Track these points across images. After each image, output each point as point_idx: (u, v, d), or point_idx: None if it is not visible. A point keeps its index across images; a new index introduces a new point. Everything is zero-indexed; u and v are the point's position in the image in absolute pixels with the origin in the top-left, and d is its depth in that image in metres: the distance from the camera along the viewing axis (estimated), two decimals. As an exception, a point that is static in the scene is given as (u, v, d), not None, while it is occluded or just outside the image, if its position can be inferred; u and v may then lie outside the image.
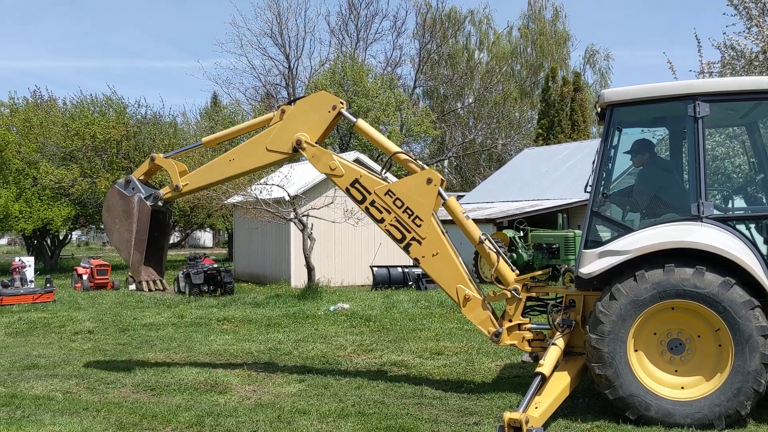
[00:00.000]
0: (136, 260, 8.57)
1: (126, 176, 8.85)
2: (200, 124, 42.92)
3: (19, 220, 27.91)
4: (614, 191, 7.26)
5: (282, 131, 8.30)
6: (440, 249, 7.67)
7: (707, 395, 6.19)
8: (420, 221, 7.69)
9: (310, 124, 8.24)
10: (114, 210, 8.71)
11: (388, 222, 7.82)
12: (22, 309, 16.06)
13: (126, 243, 8.60)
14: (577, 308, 7.20)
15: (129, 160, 28.86)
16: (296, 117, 8.29)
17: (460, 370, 8.95)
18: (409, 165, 7.97)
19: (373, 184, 7.94)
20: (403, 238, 7.77)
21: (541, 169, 31.47)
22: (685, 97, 6.64)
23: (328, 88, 37.44)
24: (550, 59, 49.94)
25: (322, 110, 8.26)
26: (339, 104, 8.23)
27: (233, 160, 8.51)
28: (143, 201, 8.56)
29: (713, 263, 6.23)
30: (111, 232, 8.79)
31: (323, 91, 8.57)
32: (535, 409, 6.04)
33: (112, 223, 8.73)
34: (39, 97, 34.39)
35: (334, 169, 8.10)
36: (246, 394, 7.82)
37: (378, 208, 7.88)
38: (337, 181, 8.16)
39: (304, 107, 8.34)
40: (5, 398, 7.53)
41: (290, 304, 16.16)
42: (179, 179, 8.59)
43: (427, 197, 7.71)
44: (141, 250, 8.57)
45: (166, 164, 8.69)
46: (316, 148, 8.22)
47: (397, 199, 7.78)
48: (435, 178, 7.75)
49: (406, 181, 7.87)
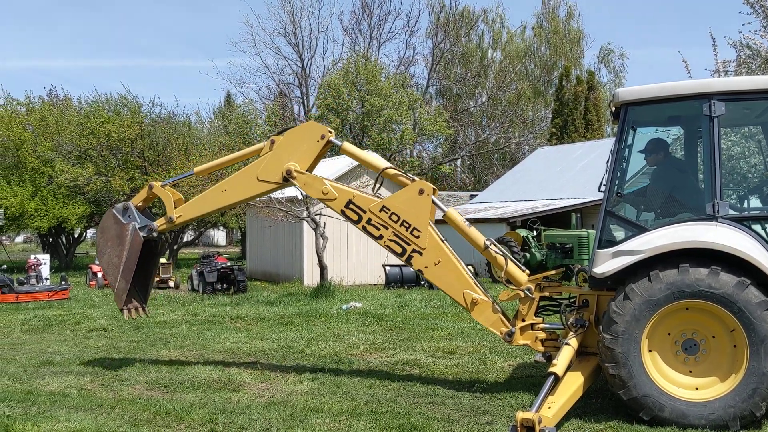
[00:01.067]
0: (121, 288, 8.68)
1: (125, 202, 8.91)
2: (214, 123, 43.16)
3: (34, 218, 28.16)
4: (628, 191, 7.23)
5: (272, 161, 8.39)
6: (442, 257, 7.69)
7: (722, 396, 6.15)
8: (418, 232, 7.73)
9: (299, 154, 8.32)
10: (108, 233, 8.81)
11: (387, 238, 7.85)
12: (38, 306, 16.20)
13: (114, 268, 8.71)
14: (591, 308, 7.18)
15: (143, 159, 29.01)
16: (286, 147, 8.38)
17: (472, 370, 8.94)
18: (398, 179, 8.05)
19: (367, 202, 7.98)
20: (403, 252, 7.80)
21: (555, 169, 31.34)
22: (700, 96, 6.60)
23: (341, 87, 37.51)
24: (564, 58, 49.69)
25: (311, 140, 8.35)
26: (327, 133, 8.34)
27: (225, 190, 8.62)
28: (137, 231, 8.65)
29: (728, 263, 6.18)
30: (101, 254, 8.89)
31: (312, 121, 8.72)
32: (548, 409, 6.02)
33: (104, 245, 8.83)
34: (55, 96, 34.65)
35: (327, 193, 8.17)
36: (259, 392, 7.86)
37: (375, 225, 7.91)
38: (332, 205, 8.21)
39: (294, 137, 8.42)
40: (21, 394, 7.60)
41: (303, 302, 16.20)
42: (173, 211, 8.69)
43: (422, 208, 7.76)
44: (127, 279, 8.68)
45: (162, 194, 8.78)
46: (306, 176, 8.30)
47: (392, 213, 7.82)
48: (426, 188, 7.81)
49: (399, 194, 7.90)
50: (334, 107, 38.00)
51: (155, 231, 8.74)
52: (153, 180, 8.78)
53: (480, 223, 26.61)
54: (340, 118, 38.18)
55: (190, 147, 30.45)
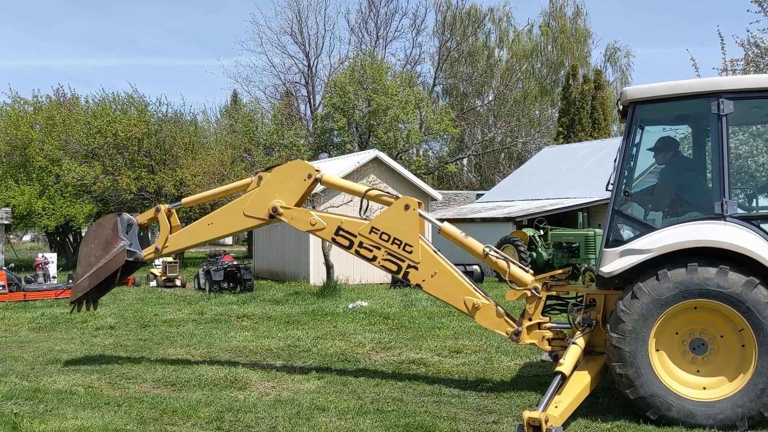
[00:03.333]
0: (83, 286, 8.81)
1: (132, 216, 8.92)
2: (220, 122, 43.22)
3: (42, 216, 28.28)
4: (636, 190, 7.20)
5: (259, 198, 8.41)
6: (437, 268, 7.70)
7: (730, 396, 6.12)
8: (410, 247, 7.75)
9: (286, 192, 8.35)
10: (101, 232, 8.86)
11: (381, 258, 7.87)
12: (45, 304, 16.26)
13: (87, 265, 8.81)
14: (598, 307, 7.15)
15: (150, 158, 29.08)
16: (273, 184, 8.41)
17: (479, 369, 8.93)
18: (382, 199, 8.11)
19: (356, 226, 8.00)
20: (399, 269, 7.81)
21: (562, 168, 31.26)
22: (708, 94, 6.56)
23: (348, 86, 37.51)
24: (571, 57, 49.58)
25: (298, 178, 8.37)
26: (314, 172, 8.35)
27: (212, 224, 8.66)
28: (124, 252, 8.70)
29: (737, 263, 6.15)
30: (85, 244, 8.97)
31: (299, 159, 8.80)
32: (555, 408, 6.00)
33: (92, 240, 8.89)
34: (62, 95, 34.75)
35: (315, 224, 8.19)
36: (265, 390, 7.86)
37: (367, 247, 7.93)
38: (321, 234, 8.23)
39: (281, 175, 8.45)
40: (28, 392, 7.63)
41: (309, 301, 16.21)
42: (163, 242, 8.74)
43: (410, 223, 7.79)
44: (92, 283, 8.79)
45: (161, 222, 8.81)
46: (292, 210, 8.32)
47: (382, 233, 7.85)
48: (411, 203, 7.86)
49: (386, 213, 7.93)
50: (341, 106, 38.03)
51: (140, 259, 8.84)
52: (162, 202, 8.87)
53: (487, 222, 26.59)
54: (347, 117, 38.21)
55: (196, 146, 30.51)
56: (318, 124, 41.53)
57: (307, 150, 39.22)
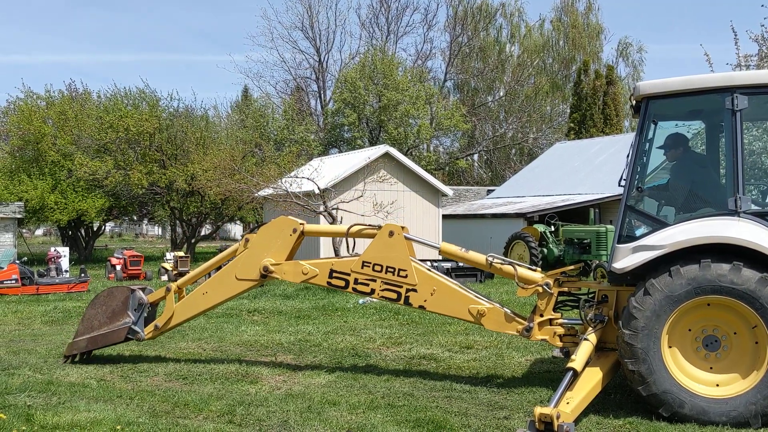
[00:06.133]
0: (80, 346, 8.98)
1: (144, 296, 8.94)
2: (231, 117, 43.32)
3: (54, 211, 28.44)
4: (649, 185, 7.15)
5: (248, 259, 8.42)
6: (435, 285, 7.70)
7: (743, 393, 6.08)
8: (404, 272, 7.75)
9: (274, 250, 8.37)
10: (112, 301, 8.97)
11: (379, 289, 7.87)
12: (58, 298, 16.36)
13: (89, 328, 8.94)
14: (610, 303, 7.12)
15: (161, 153, 29.18)
16: (260, 244, 8.43)
17: (489, 365, 8.92)
18: (365, 233, 8.13)
19: (347, 264, 8.03)
20: (399, 296, 7.80)
21: (573, 164, 31.15)
22: (722, 89, 6.50)
23: (358, 82, 37.46)
24: (583, 52, 49.37)
25: (284, 234, 8.39)
26: (299, 226, 8.37)
27: (206, 293, 8.68)
28: (127, 328, 8.81)
29: (751, 259, 6.11)
30: (92, 306, 9.07)
31: (282, 216, 8.83)
32: (567, 405, 5.98)
33: (101, 305, 9.00)
34: (74, 90, 34.94)
35: (307, 273, 8.21)
36: (276, 384, 7.89)
37: (363, 282, 7.94)
38: (316, 281, 8.24)
39: (267, 234, 8.47)
40: (42, 385, 7.68)
41: (319, 296, 16.23)
42: (164, 321, 8.79)
43: (399, 248, 7.81)
44: (89, 347, 8.97)
45: (168, 300, 8.84)
46: (283, 265, 8.32)
47: (374, 264, 7.86)
48: (395, 228, 7.90)
49: (373, 244, 7.94)
50: (351, 101, 38.03)
51: (141, 339, 8.93)
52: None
53: (497, 218, 26.54)
54: (357, 112, 38.19)
55: (207, 141, 30.60)
56: (328, 119, 41.55)
57: (318, 145, 39.26)
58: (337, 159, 27.30)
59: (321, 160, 23.33)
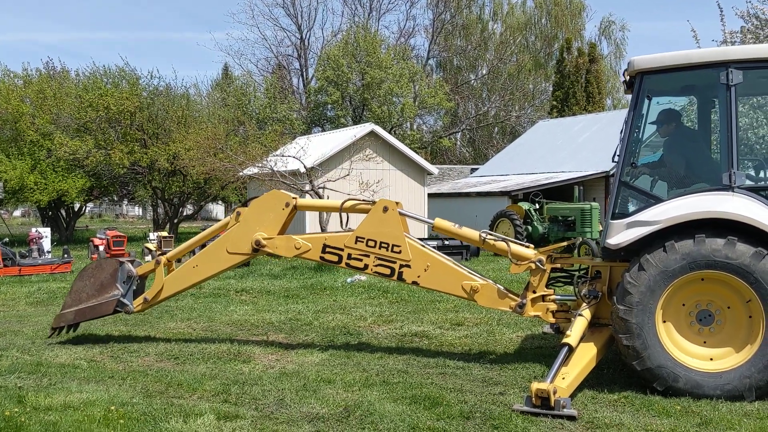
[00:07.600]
0: (67, 318, 8.89)
1: (133, 268, 8.84)
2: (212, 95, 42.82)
3: (34, 191, 28.00)
4: (642, 161, 7.15)
5: (240, 233, 8.35)
6: (429, 261, 7.68)
7: (737, 367, 6.14)
8: (398, 247, 7.73)
9: (267, 224, 8.30)
10: (99, 272, 8.87)
11: (372, 265, 7.85)
12: (41, 279, 16.18)
13: (76, 300, 8.85)
14: (603, 279, 7.15)
15: (143, 132, 28.80)
16: (252, 218, 8.35)
17: (481, 341, 8.94)
18: (359, 208, 8.09)
19: (341, 239, 7.98)
20: (392, 271, 7.78)
21: (556, 142, 31.20)
22: (718, 64, 6.49)
23: (341, 59, 37.15)
24: (565, 30, 49.23)
25: (277, 208, 8.32)
26: (291, 200, 8.31)
27: (197, 266, 8.58)
28: (116, 301, 8.73)
29: (745, 234, 6.14)
30: (80, 278, 8.96)
31: (275, 190, 8.75)
32: (563, 380, 6.03)
33: (89, 277, 8.90)
34: (52, 69, 34.28)
35: (300, 247, 8.15)
36: (269, 363, 7.85)
37: (356, 258, 7.91)
38: (309, 256, 8.19)
39: (259, 207, 8.39)
40: (31, 366, 7.58)
41: (307, 275, 16.18)
42: (153, 294, 8.69)
43: (392, 224, 7.79)
44: (77, 319, 8.90)
45: (157, 272, 8.73)
46: (275, 239, 8.26)
47: (368, 240, 7.84)
48: (389, 204, 7.87)
49: (367, 219, 7.90)
50: (334, 79, 37.72)
51: (130, 312, 8.86)
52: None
53: (482, 196, 26.57)
54: (340, 90, 37.92)
55: (189, 119, 30.23)
56: (311, 97, 41.21)
57: (301, 124, 38.97)
58: (322, 137, 27.12)
59: (307, 138, 23.13)
